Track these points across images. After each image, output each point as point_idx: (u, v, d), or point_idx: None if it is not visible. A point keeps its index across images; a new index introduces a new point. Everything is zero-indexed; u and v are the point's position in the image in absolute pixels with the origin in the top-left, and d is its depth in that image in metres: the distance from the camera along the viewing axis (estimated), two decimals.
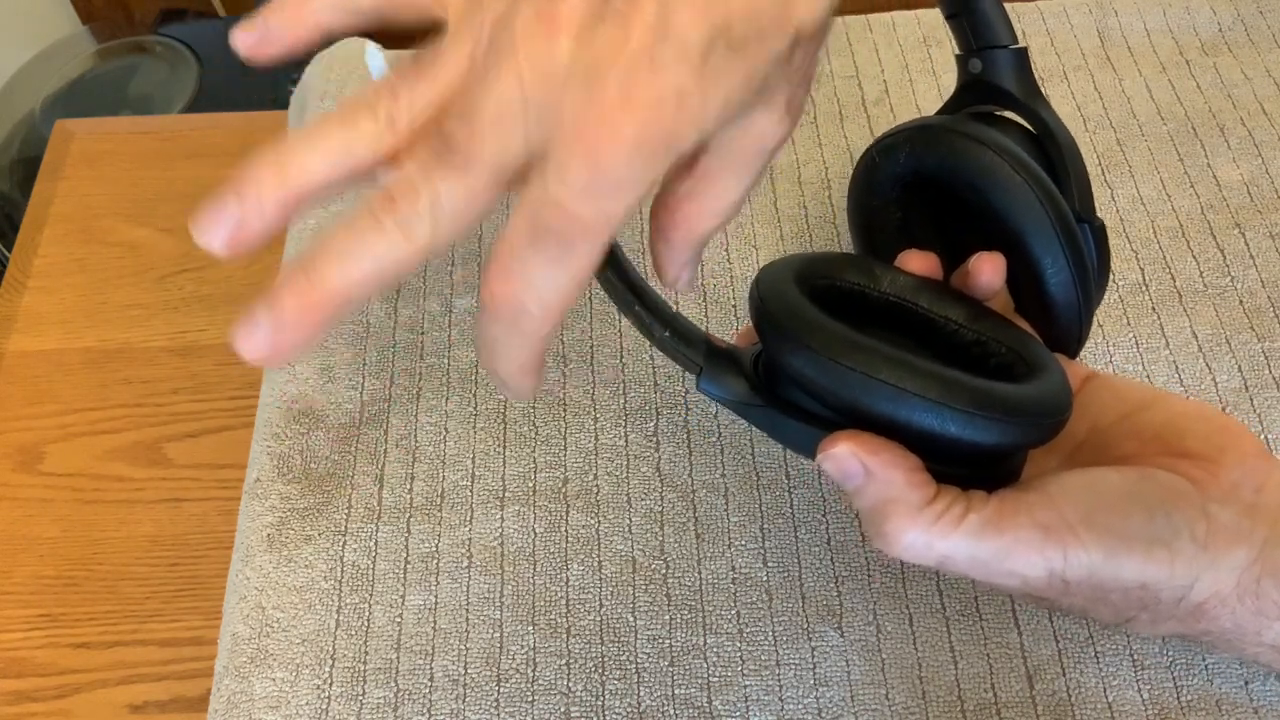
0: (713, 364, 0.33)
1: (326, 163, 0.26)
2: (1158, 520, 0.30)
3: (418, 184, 0.25)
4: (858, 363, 0.29)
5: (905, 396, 0.29)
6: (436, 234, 0.25)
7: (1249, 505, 0.31)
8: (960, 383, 0.30)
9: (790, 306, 0.31)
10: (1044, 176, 0.35)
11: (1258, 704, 0.36)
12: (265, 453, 0.44)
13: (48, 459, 0.58)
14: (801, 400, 0.32)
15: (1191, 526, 0.30)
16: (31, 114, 1.14)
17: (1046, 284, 0.35)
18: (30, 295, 0.65)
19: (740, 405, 0.33)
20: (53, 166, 0.71)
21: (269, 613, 0.40)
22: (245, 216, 0.26)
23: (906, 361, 0.30)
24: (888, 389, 0.29)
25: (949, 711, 0.37)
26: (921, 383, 0.29)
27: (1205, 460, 0.32)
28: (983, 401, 0.29)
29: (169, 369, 0.61)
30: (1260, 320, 0.45)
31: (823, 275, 0.35)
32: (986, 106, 0.41)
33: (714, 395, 0.33)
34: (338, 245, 0.25)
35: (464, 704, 0.38)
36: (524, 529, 0.41)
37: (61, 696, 0.51)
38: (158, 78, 1.18)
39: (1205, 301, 0.45)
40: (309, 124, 0.27)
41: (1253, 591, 0.31)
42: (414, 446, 0.44)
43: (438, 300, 0.48)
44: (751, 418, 0.33)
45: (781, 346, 0.31)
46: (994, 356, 0.34)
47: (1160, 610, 0.31)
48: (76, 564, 0.54)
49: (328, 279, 0.25)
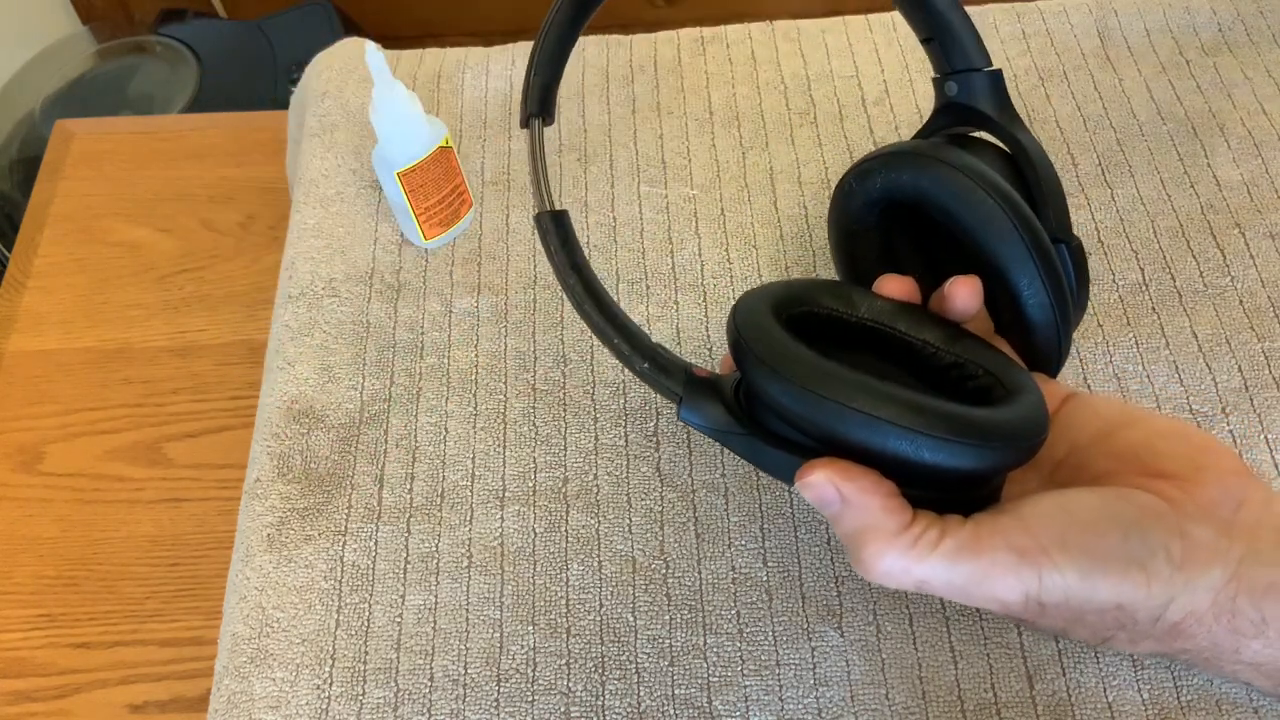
0: (692, 393, 0.33)
1: None
2: (1133, 540, 0.30)
3: None
4: (831, 391, 0.30)
5: (879, 424, 0.29)
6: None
7: (1226, 523, 0.31)
8: (933, 409, 0.30)
9: (765, 335, 0.32)
10: (1018, 199, 0.36)
11: (1257, 704, 0.36)
12: (265, 452, 0.44)
13: (48, 459, 0.58)
14: (780, 428, 0.32)
15: (1167, 546, 0.30)
16: (31, 114, 1.14)
17: (1024, 305, 0.35)
18: (30, 295, 0.65)
19: (719, 433, 0.33)
20: (53, 166, 0.71)
21: (269, 612, 0.40)
22: None
23: (880, 389, 0.30)
24: (862, 417, 0.29)
25: (949, 711, 0.37)
26: (895, 410, 0.29)
27: (1182, 479, 0.32)
28: (956, 427, 0.29)
29: (169, 369, 0.61)
30: (1260, 320, 0.45)
31: (799, 302, 0.35)
32: (963, 129, 0.41)
33: (694, 424, 0.34)
34: None
35: (464, 704, 0.38)
36: (524, 529, 0.41)
37: (62, 696, 0.51)
38: (158, 78, 1.18)
39: (1205, 301, 0.45)
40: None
41: (1228, 610, 0.31)
42: (414, 446, 0.44)
43: (438, 300, 0.48)
44: (732, 445, 0.34)
45: (757, 375, 0.31)
46: (971, 380, 0.34)
47: (1138, 630, 0.31)
48: (76, 564, 0.54)
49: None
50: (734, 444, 0.33)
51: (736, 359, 0.33)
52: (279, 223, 0.66)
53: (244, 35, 1.22)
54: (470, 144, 0.53)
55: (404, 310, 0.48)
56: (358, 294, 0.48)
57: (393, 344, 0.47)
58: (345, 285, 0.48)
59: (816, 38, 0.57)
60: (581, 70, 0.56)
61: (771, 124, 0.53)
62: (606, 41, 0.57)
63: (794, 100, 0.54)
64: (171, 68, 1.18)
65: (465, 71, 0.56)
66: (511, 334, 0.47)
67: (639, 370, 0.34)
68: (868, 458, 0.30)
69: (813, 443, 0.31)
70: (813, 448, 0.31)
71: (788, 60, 0.56)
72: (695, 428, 0.34)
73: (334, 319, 0.47)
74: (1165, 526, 0.30)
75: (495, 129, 0.54)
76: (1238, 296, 0.45)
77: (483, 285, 0.48)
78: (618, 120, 0.54)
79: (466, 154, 0.53)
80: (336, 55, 0.57)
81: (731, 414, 0.33)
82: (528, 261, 0.49)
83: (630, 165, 0.52)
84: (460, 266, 0.49)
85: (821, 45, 0.56)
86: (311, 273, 0.49)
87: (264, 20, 1.23)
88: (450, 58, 0.57)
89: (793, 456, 0.31)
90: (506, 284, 0.48)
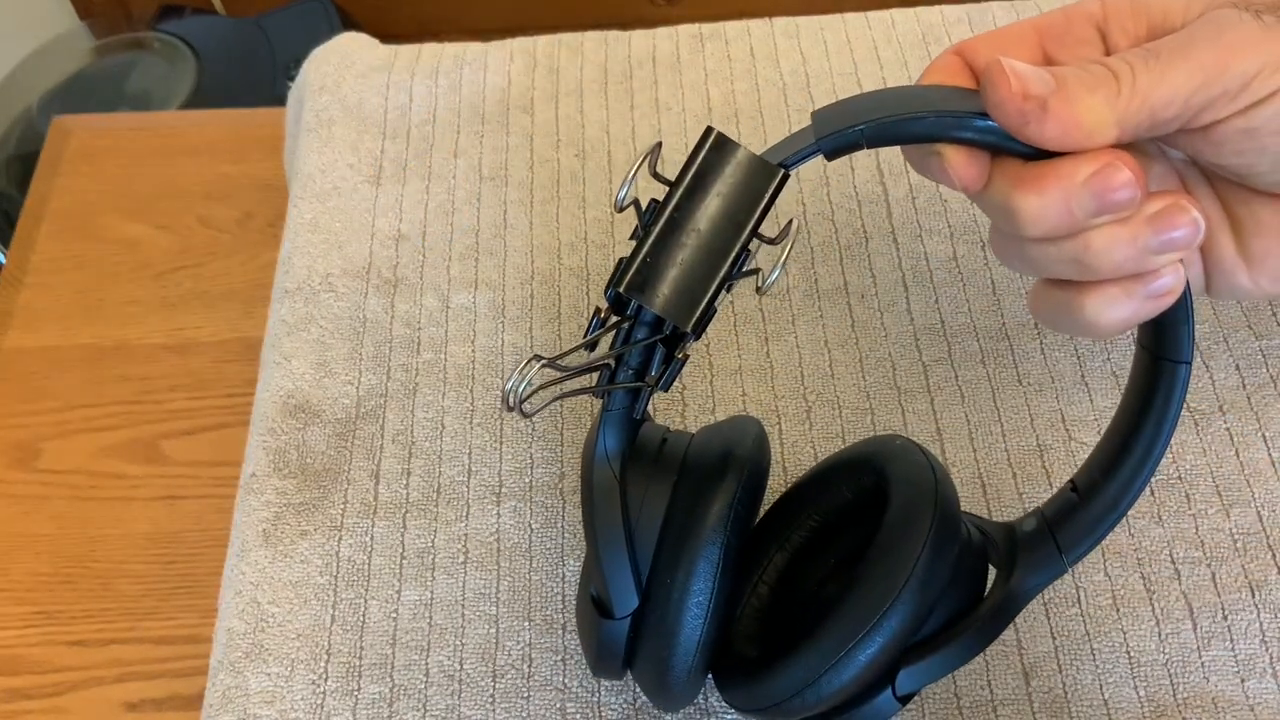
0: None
1: None
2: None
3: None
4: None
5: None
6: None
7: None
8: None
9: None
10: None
11: (1253, 701, 0.36)
12: (261, 447, 0.44)
13: (44, 456, 0.58)
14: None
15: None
16: (29, 110, 1.14)
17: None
18: (27, 292, 0.65)
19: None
20: (50, 163, 0.71)
21: (264, 608, 0.40)
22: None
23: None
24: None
25: (945, 708, 0.37)
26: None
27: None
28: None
29: (166, 366, 0.61)
30: (1257, 319, 0.45)
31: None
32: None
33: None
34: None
35: (459, 699, 0.38)
36: (520, 524, 0.41)
37: (57, 694, 0.51)
38: (156, 74, 1.18)
39: (1203, 300, 0.45)
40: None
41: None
42: (410, 442, 0.44)
43: (435, 296, 0.48)
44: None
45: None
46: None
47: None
48: (72, 561, 0.54)
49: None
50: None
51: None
52: (277, 219, 0.65)
53: (242, 32, 1.22)
54: (468, 139, 0.53)
55: (400, 305, 0.48)
56: (354, 289, 0.48)
57: (389, 339, 0.46)
58: (342, 280, 0.48)
59: (815, 34, 0.56)
60: (580, 66, 0.56)
61: (770, 121, 0.53)
62: (605, 38, 0.57)
63: (792, 97, 0.54)
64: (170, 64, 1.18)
65: (464, 67, 0.56)
66: (508, 329, 0.46)
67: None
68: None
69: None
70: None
71: (786, 57, 0.56)
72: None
73: (330, 314, 0.47)
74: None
75: (493, 124, 0.54)
76: None
77: (480, 281, 0.48)
78: (616, 116, 0.54)
79: (464, 149, 0.53)
80: (334, 50, 0.57)
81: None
82: (525, 257, 0.49)
83: (628, 161, 0.52)
84: (457, 262, 0.49)
85: (820, 42, 0.56)
86: (308, 268, 0.49)
87: (262, 17, 1.23)
88: (448, 53, 0.57)
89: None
90: (504, 279, 0.48)
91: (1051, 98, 0.27)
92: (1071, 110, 0.27)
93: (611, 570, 0.31)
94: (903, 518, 0.32)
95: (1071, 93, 0.27)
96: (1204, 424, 0.42)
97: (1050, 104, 0.27)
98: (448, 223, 0.50)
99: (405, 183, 0.51)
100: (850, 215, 0.49)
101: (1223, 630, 0.38)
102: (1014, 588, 0.32)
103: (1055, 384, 0.43)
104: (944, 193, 0.49)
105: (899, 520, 0.32)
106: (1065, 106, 0.27)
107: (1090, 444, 0.41)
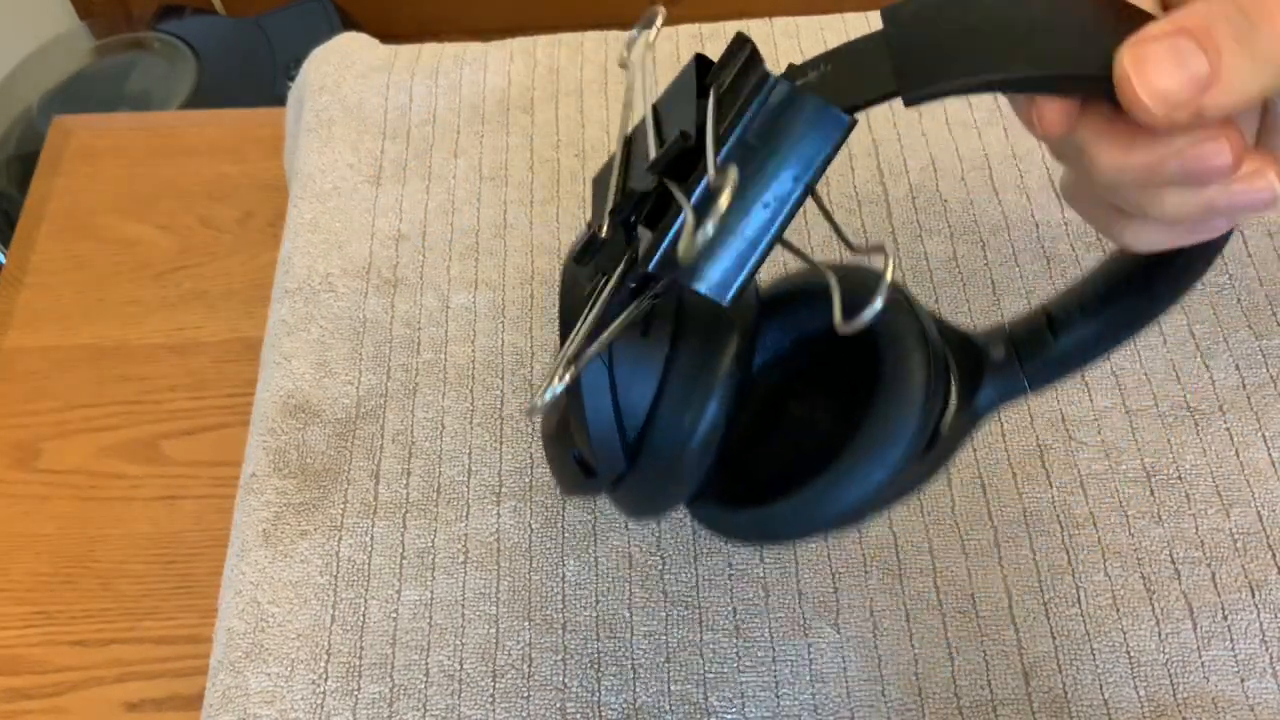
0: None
1: None
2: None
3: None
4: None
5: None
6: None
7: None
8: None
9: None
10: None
11: (1253, 701, 0.36)
12: (261, 447, 0.44)
13: (44, 456, 0.58)
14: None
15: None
16: (29, 110, 1.14)
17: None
18: (27, 292, 0.65)
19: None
20: (50, 163, 0.71)
21: (264, 608, 0.40)
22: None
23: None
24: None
25: (945, 708, 0.37)
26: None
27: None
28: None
29: (166, 366, 0.61)
30: (1257, 318, 0.45)
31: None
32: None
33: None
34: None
35: (459, 699, 0.38)
36: (520, 524, 0.41)
37: (57, 694, 0.51)
38: (156, 74, 1.18)
39: (1202, 299, 0.45)
40: None
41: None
42: (410, 442, 0.44)
43: (435, 295, 0.48)
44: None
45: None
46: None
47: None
48: (73, 561, 0.54)
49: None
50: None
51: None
52: (277, 219, 0.65)
53: (243, 32, 1.22)
54: (468, 139, 0.53)
55: (400, 305, 0.48)
56: (354, 289, 0.48)
57: (389, 339, 0.46)
58: (342, 280, 0.48)
59: (815, 34, 0.56)
60: (580, 66, 0.56)
61: None
62: (605, 38, 0.57)
63: None
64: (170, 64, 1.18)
65: (464, 67, 0.56)
66: (509, 329, 0.47)
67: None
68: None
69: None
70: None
71: (786, 57, 0.56)
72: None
73: (330, 314, 0.47)
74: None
75: (493, 124, 0.54)
76: (1235, 294, 0.45)
77: (480, 281, 0.48)
78: (615, 116, 0.54)
79: (464, 149, 0.53)
80: (334, 50, 0.57)
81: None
82: (525, 257, 0.49)
83: None
84: (457, 262, 0.49)
85: (820, 42, 0.56)
86: (308, 267, 0.49)
87: (263, 17, 1.23)
88: (448, 52, 0.57)
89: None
90: (504, 279, 0.48)
91: (1206, 97, 0.23)
92: (1223, 103, 0.24)
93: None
94: (894, 355, 0.31)
95: (1228, 82, 0.23)
96: (1204, 424, 0.42)
97: (1205, 104, 0.24)
98: (448, 223, 0.50)
99: (405, 183, 0.51)
100: (850, 215, 0.49)
101: (1223, 630, 0.38)
102: (977, 408, 0.32)
103: (1055, 384, 0.43)
104: (944, 192, 0.49)
105: (892, 357, 0.31)
106: (1223, 97, 0.24)
107: (1090, 443, 0.41)
